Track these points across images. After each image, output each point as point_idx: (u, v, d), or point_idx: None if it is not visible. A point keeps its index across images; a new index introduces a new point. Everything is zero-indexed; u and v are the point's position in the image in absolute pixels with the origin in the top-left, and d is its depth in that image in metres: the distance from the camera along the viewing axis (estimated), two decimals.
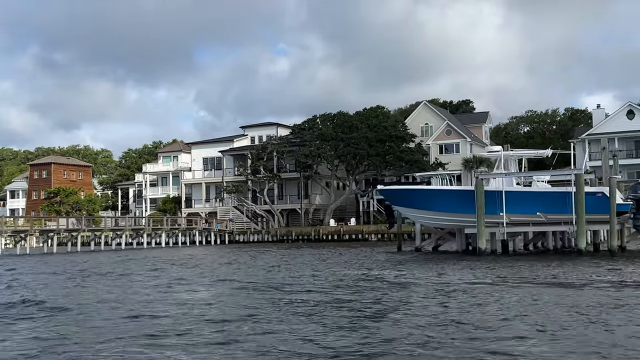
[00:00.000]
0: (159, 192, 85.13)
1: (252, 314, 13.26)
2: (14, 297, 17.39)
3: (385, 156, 66.06)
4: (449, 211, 29.17)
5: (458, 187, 35.08)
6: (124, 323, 12.57)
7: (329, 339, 10.43)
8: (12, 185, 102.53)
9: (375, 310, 13.29)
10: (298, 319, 12.48)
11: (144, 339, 10.80)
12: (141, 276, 23.97)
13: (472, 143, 71.01)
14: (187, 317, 13.15)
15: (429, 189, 31.05)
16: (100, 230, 54.30)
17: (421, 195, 29.94)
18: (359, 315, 12.71)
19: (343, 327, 11.46)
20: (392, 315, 12.62)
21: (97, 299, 16.71)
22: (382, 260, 29.63)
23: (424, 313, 12.85)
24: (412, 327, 11.28)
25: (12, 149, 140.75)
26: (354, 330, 11.15)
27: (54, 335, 11.53)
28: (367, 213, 70.59)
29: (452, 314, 12.71)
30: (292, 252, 40.90)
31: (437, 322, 11.81)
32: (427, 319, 12.12)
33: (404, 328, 11.19)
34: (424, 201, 29.59)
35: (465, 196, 29.04)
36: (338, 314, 12.95)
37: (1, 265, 33.45)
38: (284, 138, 72.58)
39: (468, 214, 28.63)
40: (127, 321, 12.83)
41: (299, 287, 18.37)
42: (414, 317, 12.37)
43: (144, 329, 11.77)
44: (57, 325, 12.62)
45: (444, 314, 12.76)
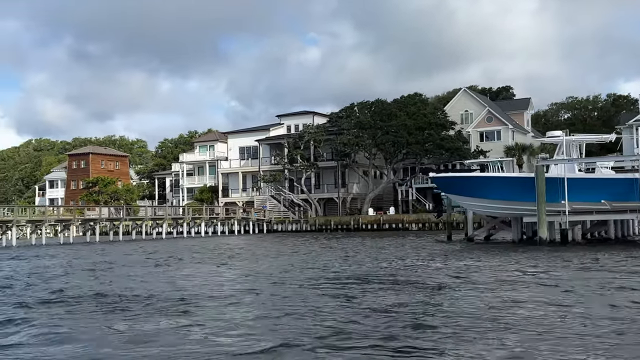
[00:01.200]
0: (196, 182, 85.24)
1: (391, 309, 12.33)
2: (149, 290, 15.73)
3: (424, 144, 64.89)
4: (507, 199, 28.08)
5: (516, 174, 33.91)
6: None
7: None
8: (51, 175, 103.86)
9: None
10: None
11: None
12: (225, 267, 23.16)
13: (514, 130, 69.35)
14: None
15: (486, 176, 29.95)
16: (141, 220, 54.35)
17: (477, 183, 28.89)
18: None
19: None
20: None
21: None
22: (444, 250, 28.25)
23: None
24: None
25: (50, 140, 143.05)
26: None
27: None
28: (405, 202, 69.58)
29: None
30: (342, 242, 39.44)
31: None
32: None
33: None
34: (479, 189, 28.54)
35: (524, 183, 27.91)
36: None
37: (61, 254, 33.47)
38: (321, 126, 71.84)
39: (527, 202, 27.52)
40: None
41: (401, 277, 17.32)
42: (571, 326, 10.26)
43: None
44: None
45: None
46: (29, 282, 18.91)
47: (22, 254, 33.80)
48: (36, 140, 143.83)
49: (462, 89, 74.26)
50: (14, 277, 20.38)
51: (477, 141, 68.72)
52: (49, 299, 14.57)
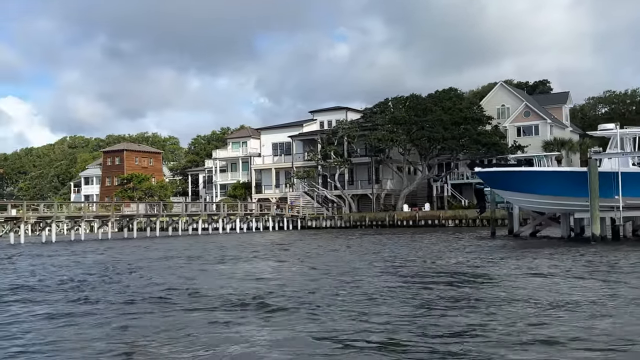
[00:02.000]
0: (229, 178, 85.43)
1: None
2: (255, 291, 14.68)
3: (460, 139, 63.93)
4: (557, 194, 27.23)
5: (568, 168, 32.98)
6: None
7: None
8: (86, 172, 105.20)
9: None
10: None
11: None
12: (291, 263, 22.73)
13: (552, 125, 67.93)
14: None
15: (535, 171, 29.12)
16: (177, 216, 54.51)
17: (526, 177, 28.07)
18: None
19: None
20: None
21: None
22: (500, 247, 27.20)
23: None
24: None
25: (84, 137, 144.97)
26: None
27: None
28: (440, 198, 68.67)
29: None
30: (384, 238, 38.52)
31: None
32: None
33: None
34: (528, 183, 27.73)
35: (576, 178, 27.04)
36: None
37: (111, 250, 33.47)
38: (355, 122, 71.28)
39: (578, 197, 26.67)
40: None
41: (491, 274, 16.70)
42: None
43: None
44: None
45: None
46: (121, 278, 18.42)
47: (73, 250, 33.67)
48: (70, 138, 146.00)
49: (499, 83, 72.96)
50: (103, 274, 19.59)
51: (514, 136, 67.50)
52: (164, 297, 13.91)
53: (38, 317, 11.80)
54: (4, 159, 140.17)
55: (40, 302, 13.64)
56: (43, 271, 21.17)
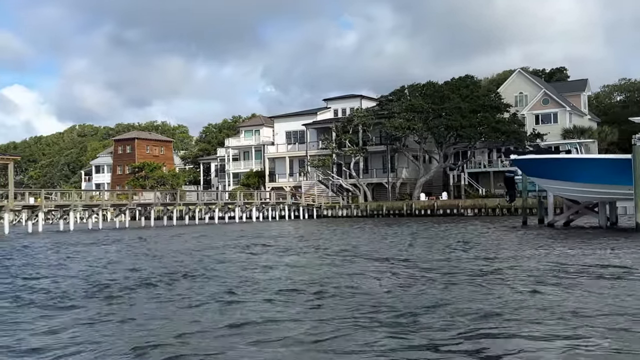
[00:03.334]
0: (242, 167, 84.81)
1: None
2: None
3: (478, 127, 63.04)
4: (598, 182, 26.47)
5: (609, 155, 32.15)
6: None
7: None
8: (97, 160, 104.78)
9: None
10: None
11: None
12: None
13: (571, 112, 66.92)
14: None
15: (576, 158, 28.28)
16: (194, 204, 53.95)
17: (565, 165, 27.26)
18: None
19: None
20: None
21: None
22: (545, 237, 25.64)
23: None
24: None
25: (93, 125, 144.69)
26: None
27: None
28: (457, 187, 67.93)
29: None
30: (409, 227, 37.12)
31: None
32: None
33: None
34: (568, 171, 26.93)
35: (618, 165, 26.22)
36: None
37: (139, 239, 32.68)
38: (370, 110, 70.44)
39: (620, 185, 25.89)
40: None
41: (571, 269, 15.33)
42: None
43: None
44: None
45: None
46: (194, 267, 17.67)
47: (102, 238, 32.86)
48: (80, 126, 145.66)
49: (517, 70, 71.90)
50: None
51: (532, 124, 66.56)
52: (260, 289, 13.15)
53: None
54: (13, 147, 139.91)
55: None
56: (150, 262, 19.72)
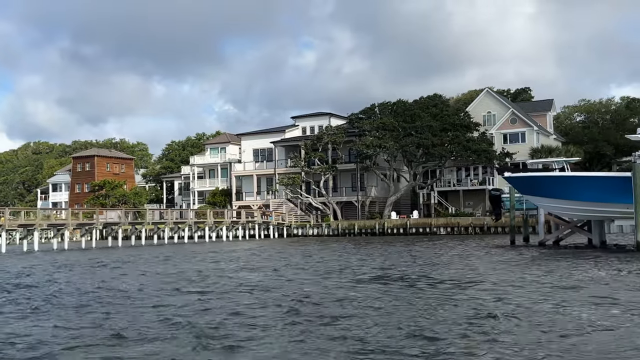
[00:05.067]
0: (207, 185, 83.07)
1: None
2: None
3: (449, 146, 63.24)
4: (595, 200, 26.26)
5: (609, 173, 32.09)
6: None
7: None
8: (54, 178, 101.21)
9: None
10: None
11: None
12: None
13: (538, 132, 67.84)
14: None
15: (574, 176, 28.06)
16: (163, 224, 52.12)
17: (563, 183, 26.99)
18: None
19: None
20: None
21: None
22: (543, 257, 25.05)
23: None
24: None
25: (48, 143, 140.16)
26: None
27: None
28: (427, 206, 67.91)
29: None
30: (401, 250, 34.68)
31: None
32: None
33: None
34: (565, 189, 26.67)
35: (617, 183, 26.08)
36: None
37: (128, 259, 31.14)
38: (340, 128, 69.97)
39: (618, 203, 25.74)
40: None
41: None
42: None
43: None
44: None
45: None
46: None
47: (89, 260, 30.99)
48: (34, 143, 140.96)
49: (485, 89, 72.65)
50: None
51: (500, 143, 67.17)
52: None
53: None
54: None
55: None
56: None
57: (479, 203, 66.29)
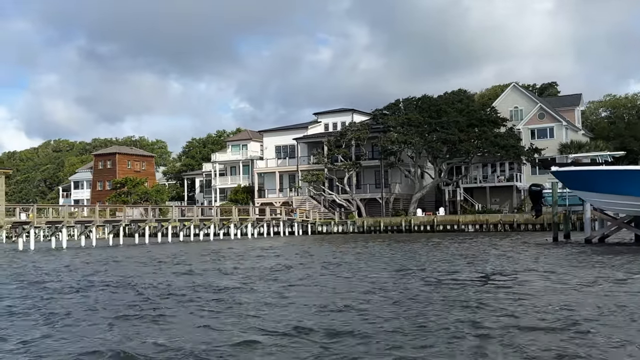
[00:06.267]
0: (229, 182, 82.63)
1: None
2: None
3: (476, 141, 62.19)
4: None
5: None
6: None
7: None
8: (76, 176, 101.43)
9: None
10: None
11: None
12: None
13: (567, 127, 66.54)
14: None
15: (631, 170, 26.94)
16: (189, 220, 51.63)
17: (617, 178, 25.97)
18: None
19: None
20: None
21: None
22: (612, 257, 22.92)
23: None
24: None
25: (69, 141, 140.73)
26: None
27: None
28: (452, 202, 66.88)
29: None
30: (436, 247, 33.40)
31: None
32: None
33: None
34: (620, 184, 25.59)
35: None
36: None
37: (165, 256, 30.61)
38: (364, 124, 69.11)
39: None
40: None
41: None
42: None
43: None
44: None
45: None
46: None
47: (142, 255, 30.38)
48: (55, 141, 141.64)
49: (512, 84, 71.48)
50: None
51: (528, 139, 65.97)
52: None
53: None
54: None
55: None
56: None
57: (506, 200, 65.20)
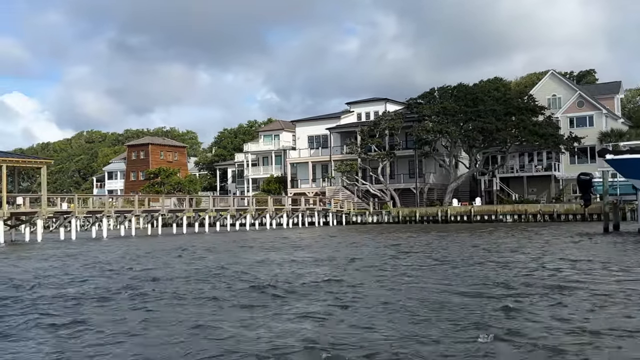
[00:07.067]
0: (261, 172, 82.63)
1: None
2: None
3: (513, 130, 61.09)
4: None
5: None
6: None
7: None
8: (110, 166, 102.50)
9: None
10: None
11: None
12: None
13: (607, 115, 64.97)
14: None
15: None
16: (226, 211, 51.68)
17: None
18: None
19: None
20: None
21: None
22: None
23: None
24: None
25: (101, 132, 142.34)
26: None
27: None
28: (488, 192, 65.90)
29: None
30: (493, 237, 32.23)
31: None
32: None
33: None
34: None
35: None
36: None
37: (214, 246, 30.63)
38: (398, 113, 68.38)
39: None
40: None
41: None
42: None
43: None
44: None
45: None
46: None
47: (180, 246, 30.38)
48: (87, 132, 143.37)
49: (550, 71, 69.94)
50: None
51: (566, 127, 64.53)
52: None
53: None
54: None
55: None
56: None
57: (543, 189, 64.00)
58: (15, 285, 15.40)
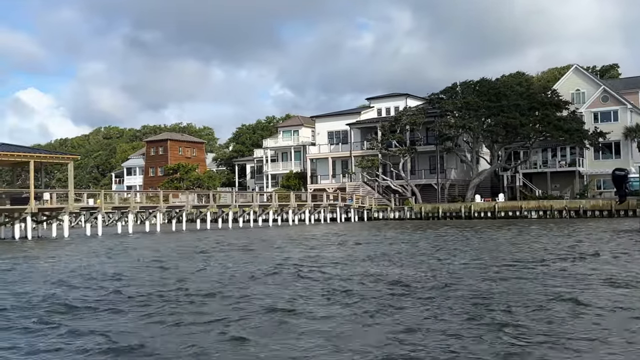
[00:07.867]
0: (280, 168, 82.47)
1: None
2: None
3: (537, 125, 60.40)
4: None
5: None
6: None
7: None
8: (129, 162, 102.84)
9: None
10: None
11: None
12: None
13: (632, 110, 64.04)
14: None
15: None
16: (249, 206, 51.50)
17: None
18: None
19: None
20: None
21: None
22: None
23: None
24: None
25: (118, 128, 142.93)
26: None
27: None
28: (511, 188, 65.27)
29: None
30: (530, 235, 30.49)
31: None
32: None
33: None
34: None
35: None
36: None
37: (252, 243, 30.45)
38: (419, 108, 67.85)
39: None
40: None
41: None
42: None
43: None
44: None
45: None
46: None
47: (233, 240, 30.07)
48: (105, 128, 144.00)
49: (574, 65, 69.07)
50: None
51: (591, 122, 63.69)
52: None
53: None
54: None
55: None
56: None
57: (567, 185, 63.27)
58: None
